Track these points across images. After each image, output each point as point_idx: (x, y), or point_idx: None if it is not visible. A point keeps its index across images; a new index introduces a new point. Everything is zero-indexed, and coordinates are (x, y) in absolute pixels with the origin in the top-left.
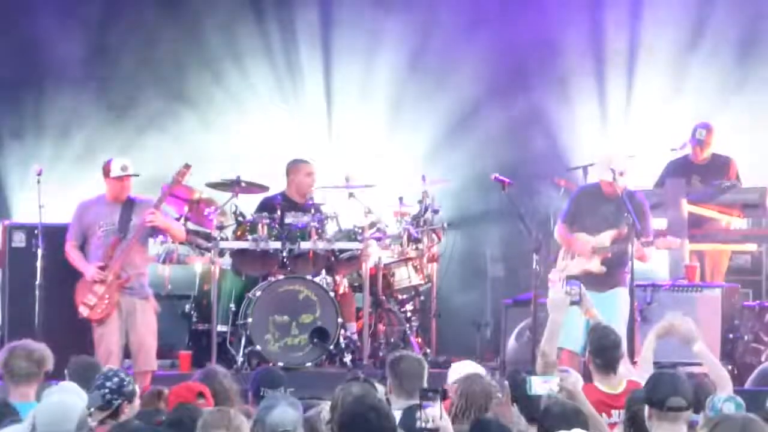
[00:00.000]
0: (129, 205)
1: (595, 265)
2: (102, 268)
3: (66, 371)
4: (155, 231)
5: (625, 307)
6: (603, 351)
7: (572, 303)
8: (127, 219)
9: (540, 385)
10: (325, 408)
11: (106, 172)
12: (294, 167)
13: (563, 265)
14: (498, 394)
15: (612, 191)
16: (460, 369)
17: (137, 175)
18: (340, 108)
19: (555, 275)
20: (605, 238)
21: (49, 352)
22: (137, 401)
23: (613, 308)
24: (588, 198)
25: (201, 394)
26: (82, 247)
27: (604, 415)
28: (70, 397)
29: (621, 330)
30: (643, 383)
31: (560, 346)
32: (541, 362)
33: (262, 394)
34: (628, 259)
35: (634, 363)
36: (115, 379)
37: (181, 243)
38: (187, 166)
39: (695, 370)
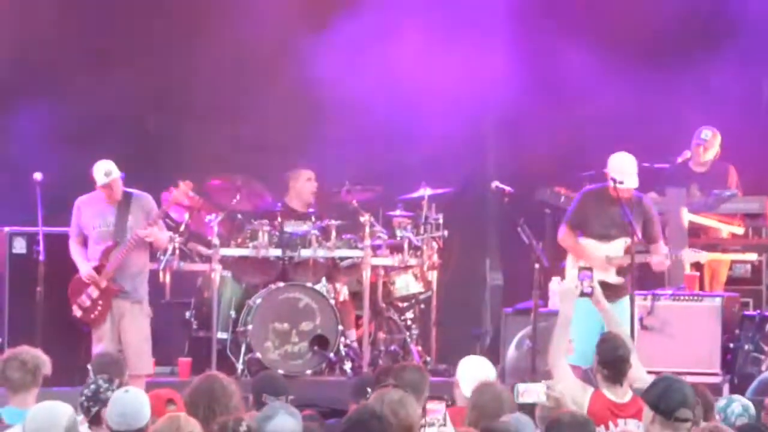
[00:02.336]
0: (125, 203)
1: (612, 276)
2: (97, 270)
3: (90, 368)
4: None
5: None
6: (612, 363)
7: (583, 294)
8: (123, 220)
9: (527, 393)
10: None
11: (93, 178)
12: (294, 174)
13: (574, 273)
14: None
15: (618, 194)
16: (470, 368)
17: (122, 175)
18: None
19: (555, 285)
20: (619, 247)
21: (44, 359)
22: None
23: (625, 316)
24: (594, 200)
25: (171, 401)
26: (85, 243)
27: (610, 423)
28: (59, 404)
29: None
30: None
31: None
32: (550, 359)
33: (263, 400)
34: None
35: None
36: (92, 386)
37: (181, 250)
38: (188, 184)
39: (691, 378)
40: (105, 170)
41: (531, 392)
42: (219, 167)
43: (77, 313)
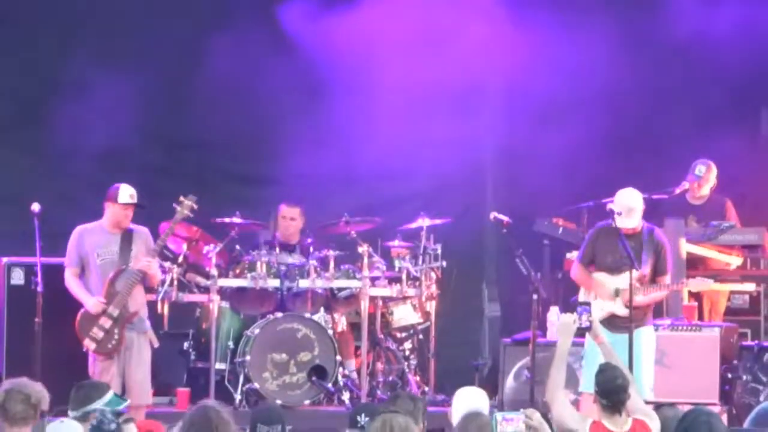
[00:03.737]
0: (127, 235)
1: (619, 308)
2: (106, 300)
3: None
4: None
5: (648, 345)
6: (610, 393)
7: (582, 329)
8: (127, 250)
9: (506, 422)
10: None
11: (113, 197)
12: (278, 208)
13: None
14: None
15: (628, 229)
16: (463, 399)
17: (143, 207)
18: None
19: (554, 316)
20: (628, 280)
21: (45, 393)
22: None
23: (637, 348)
24: (604, 235)
25: None
26: (80, 276)
27: None
28: (72, 422)
29: (646, 369)
30: (648, 421)
31: (584, 390)
32: (547, 393)
33: (258, 430)
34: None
35: None
36: (99, 417)
37: (180, 281)
38: (191, 199)
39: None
40: (130, 192)
41: (510, 422)
42: (213, 198)
43: (91, 346)
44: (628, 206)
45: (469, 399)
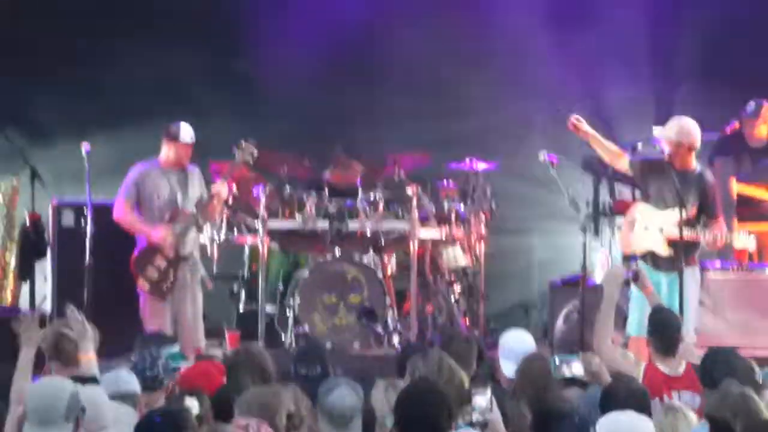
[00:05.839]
0: (184, 174)
1: (661, 246)
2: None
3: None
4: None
5: (691, 287)
6: (663, 334)
7: (628, 281)
8: (184, 189)
9: (564, 366)
10: None
11: (173, 135)
12: (334, 159)
13: (627, 240)
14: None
15: (682, 165)
16: (512, 341)
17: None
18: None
19: (603, 256)
20: (672, 217)
21: (95, 334)
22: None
23: (684, 288)
24: (657, 169)
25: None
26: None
27: (664, 395)
28: (60, 381)
29: (691, 311)
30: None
31: (631, 334)
32: (595, 341)
33: (298, 371)
34: (697, 241)
35: None
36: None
37: (228, 222)
38: (251, 143)
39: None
40: (191, 132)
41: (568, 366)
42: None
43: (145, 287)
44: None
45: (518, 342)
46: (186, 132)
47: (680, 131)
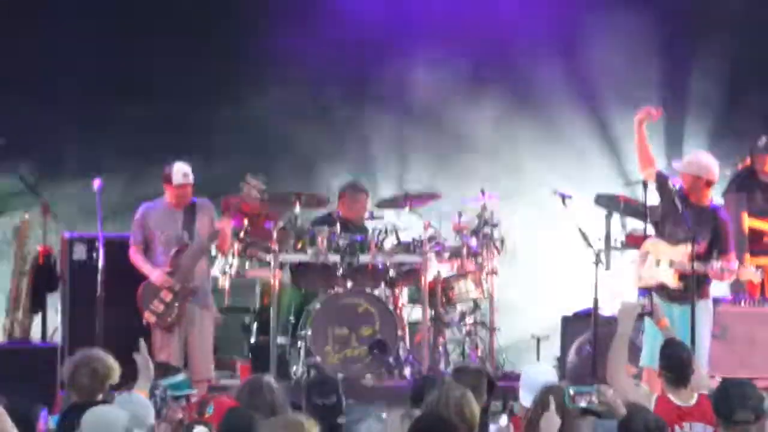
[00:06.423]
0: (191, 209)
1: (671, 279)
2: (169, 275)
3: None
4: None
5: (703, 319)
6: (675, 367)
7: (643, 314)
8: (190, 223)
9: (578, 397)
10: None
11: (167, 178)
12: (342, 193)
13: (639, 273)
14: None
15: (698, 200)
16: (533, 374)
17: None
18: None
19: (614, 289)
20: (683, 251)
21: (115, 367)
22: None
23: (696, 320)
24: (676, 195)
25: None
26: (144, 252)
27: (676, 427)
28: (113, 410)
29: (703, 342)
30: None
31: (644, 365)
32: (608, 373)
33: (313, 401)
34: (709, 276)
35: None
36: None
37: (240, 256)
38: (259, 179)
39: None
40: (184, 171)
41: (582, 396)
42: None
43: (151, 319)
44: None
45: (539, 373)
46: (178, 173)
47: (699, 166)
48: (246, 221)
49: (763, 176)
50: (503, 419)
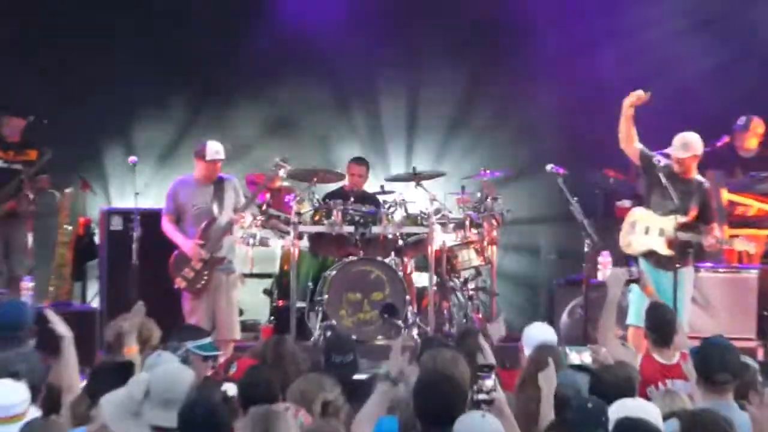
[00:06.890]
0: (219, 184)
1: (661, 247)
2: (199, 246)
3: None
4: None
5: (688, 285)
6: (659, 328)
7: (630, 281)
8: (219, 198)
9: (575, 357)
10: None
11: (201, 154)
12: (347, 165)
13: (627, 240)
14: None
15: (684, 172)
16: (535, 333)
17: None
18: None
19: (604, 258)
20: (672, 222)
21: (156, 331)
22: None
23: (679, 287)
24: (660, 171)
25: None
26: (176, 223)
27: (659, 383)
28: (179, 366)
29: (685, 306)
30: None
31: (630, 323)
32: (599, 335)
33: (332, 360)
34: (693, 244)
35: None
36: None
37: (263, 227)
38: (284, 161)
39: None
40: (216, 149)
41: (578, 355)
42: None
43: (182, 284)
44: (685, 144)
45: (541, 333)
46: (211, 150)
47: (696, 146)
48: (268, 195)
49: (741, 152)
50: (492, 376)
